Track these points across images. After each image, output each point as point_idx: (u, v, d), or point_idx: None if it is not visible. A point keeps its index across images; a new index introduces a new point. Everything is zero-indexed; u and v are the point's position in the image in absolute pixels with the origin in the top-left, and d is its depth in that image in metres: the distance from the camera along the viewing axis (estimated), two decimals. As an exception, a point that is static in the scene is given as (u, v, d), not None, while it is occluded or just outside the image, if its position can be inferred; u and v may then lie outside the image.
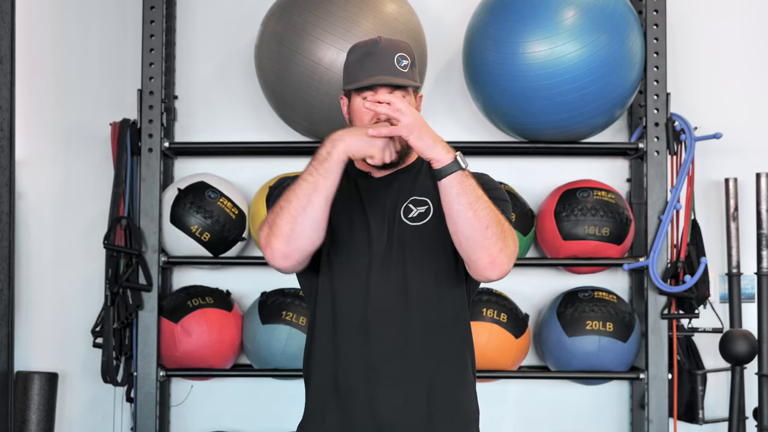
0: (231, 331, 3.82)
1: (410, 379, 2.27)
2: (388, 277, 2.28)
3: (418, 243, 2.29)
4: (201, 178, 3.86)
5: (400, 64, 2.30)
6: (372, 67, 2.29)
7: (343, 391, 2.29)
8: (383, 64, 2.29)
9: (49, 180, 4.10)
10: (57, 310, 4.07)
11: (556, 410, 4.05)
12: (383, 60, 2.29)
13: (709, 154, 3.96)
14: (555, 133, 3.77)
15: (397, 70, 2.29)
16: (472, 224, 2.13)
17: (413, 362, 2.27)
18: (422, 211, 2.32)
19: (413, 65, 2.33)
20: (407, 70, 2.30)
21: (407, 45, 2.36)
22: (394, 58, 2.29)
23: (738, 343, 3.70)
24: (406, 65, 2.30)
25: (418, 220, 2.31)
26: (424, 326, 2.28)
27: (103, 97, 4.09)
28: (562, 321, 3.76)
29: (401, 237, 2.30)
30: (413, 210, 2.32)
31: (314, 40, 3.56)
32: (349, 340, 2.29)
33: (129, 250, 3.75)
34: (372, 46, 2.32)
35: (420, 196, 2.34)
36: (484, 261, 2.17)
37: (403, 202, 2.33)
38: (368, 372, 2.27)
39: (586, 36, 3.52)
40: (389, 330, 2.27)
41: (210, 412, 4.06)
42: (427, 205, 2.33)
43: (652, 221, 3.79)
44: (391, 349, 2.26)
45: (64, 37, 4.13)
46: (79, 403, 4.08)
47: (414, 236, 2.30)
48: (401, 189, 2.35)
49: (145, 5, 3.83)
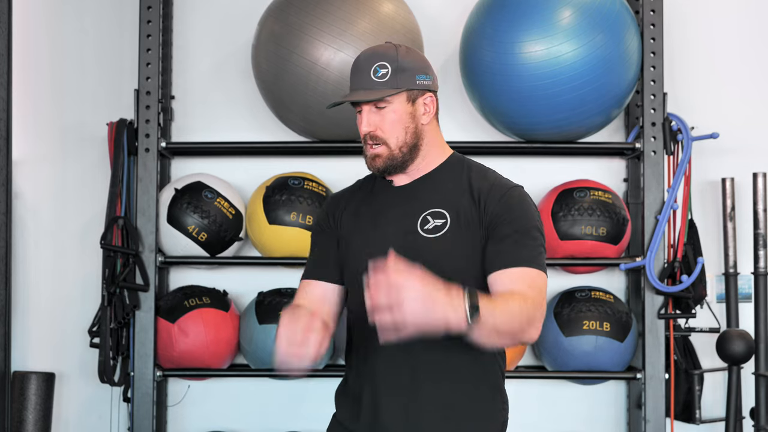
0: (228, 331, 3.82)
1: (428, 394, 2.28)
2: None
3: (431, 255, 2.26)
4: (198, 178, 3.86)
5: (377, 74, 2.27)
6: (352, 81, 2.31)
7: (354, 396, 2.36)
8: (360, 77, 2.29)
9: (46, 180, 4.10)
10: (54, 310, 4.07)
11: (553, 410, 4.05)
12: (361, 72, 2.29)
13: (706, 154, 3.96)
14: (552, 133, 3.77)
15: (373, 81, 2.27)
16: (499, 339, 2.14)
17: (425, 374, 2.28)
18: (439, 224, 2.29)
19: (398, 71, 2.27)
20: (386, 79, 2.26)
21: (393, 50, 2.30)
22: (371, 69, 2.27)
23: (735, 343, 3.70)
24: (385, 74, 2.26)
25: (434, 233, 2.29)
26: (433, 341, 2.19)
27: (99, 97, 4.09)
28: (559, 321, 3.76)
29: (415, 248, 2.27)
30: (430, 222, 2.30)
31: (311, 40, 3.56)
32: (360, 349, 2.34)
33: (126, 250, 3.75)
34: (359, 57, 2.32)
35: (438, 208, 2.31)
36: (516, 346, 2.24)
37: (422, 212, 2.32)
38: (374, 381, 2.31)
39: (582, 36, 3.52)
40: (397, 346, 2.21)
41: (207, 412, 4.06)
42: (445, 219, 2.29)
43: (649, 221, 3.79)
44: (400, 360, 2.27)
45: (61, 37, 4.13)
46: (76, 403, 4.08)
47: (428, 248, 2.27)
48: (420, 199, 2.34)
49: (142, 5, 3.82)
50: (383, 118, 2.29)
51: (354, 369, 2.40)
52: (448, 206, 2.30)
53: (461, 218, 2.28)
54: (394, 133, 2.30)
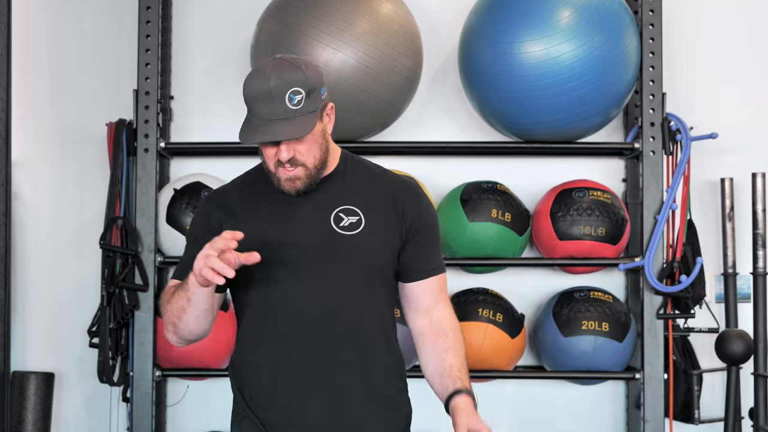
0: (227, 332, 3.81)
1: (336, 389, 2.26)
2: (314, 285, 2.26)
3: (349, 251, 2.27)
4: (197, 179, 3.86)
5: (293, 101, 2.17)
6: (263, 111, 2.18)
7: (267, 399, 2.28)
8: (274, 106, 2.16)
9: (46, 180, 4.10)
10: (53, 310, 4.07)
11: (551, 410, 4.05)
12: (274, 101, 2.16)
13: (705, 154, 3.96)
14: (551, 133, 3.77)
15: (290, 110, 2.16)
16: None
17: (338, 371, 2.26)
18: (354, 221, 2.29)
19: (310, 92, 2.18)
20: (302, 105, 2.17)
21: (299, 72, 2.19)
22: (286, 96, 2.16)
23: (734, 343, 3.70)
24: (300, 99, 2.17)
25: (350, 230, 2.28)
26: (349, 335, 2.26)
27: (99, 98, 4.09)
28: (558, 321, 3.76)
29: (330, 245, 2.26)
30: (344, 219, 2.29)
31: (310, 40, 3.56)
32: (274, 349, 2.27)
33: (125, 251, 3.75)
34: (261, 81, 2.19)
35: (351, 206, 2.30)
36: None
37: (333, 209, 2.29)
38: (295, 382, 2.26)
39: (581, 36, 3.52)
40: (313, 339, 2.25)
41: (206, 412, 4.06)
42: (359, 216, 2.29)
43: (648, 221, 3.79)
44: (317, 357, 2.25)
45: (60, 38, 4.13)
46: (75, 403, 4.08)
47: (344, 245, 2.27)
48: (328, 197, 2.30)
49: (141, 5, 3.82)
50: (300, 143, 2.21)
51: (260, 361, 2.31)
52: (359, 204, 2.29)
53: (375, 216, 2.27)
54: (311, 154, 2.23)
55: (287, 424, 2.26)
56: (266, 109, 2.18)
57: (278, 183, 2.27)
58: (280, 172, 2.25)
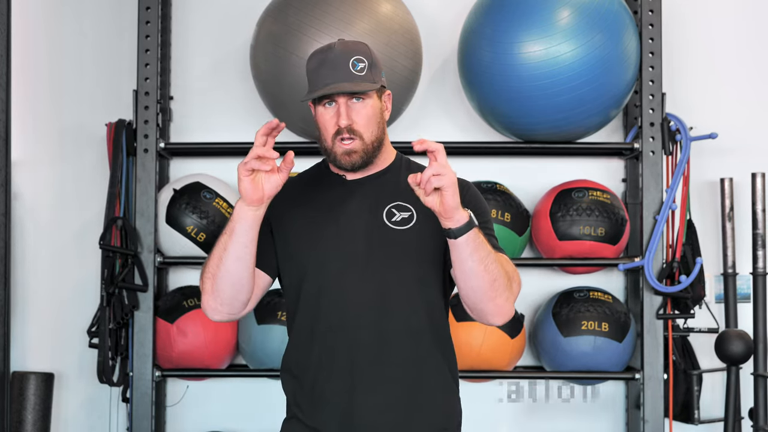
0: (226, 332, 3.82)
1: (388, 385, 2.25)
2: (368, 280, 2.25)
3: (401, 247, 2.27)
4: (196, 179, 3.86)
5: (356, 68, 2.23)
6: (327, 75, 2.24)
7: (318, 396, 2.28)
8: (339, 70, 2.23)
9: (45, 181, 4.10)
10: (53, 311, 4.07)
11: (551, 410, 4.05)
12: (338, 66, 2.23)
13: (705, 154, 3.96)
14: (550, 133, 3.77)
15: (353, 74, 2.23)
16: (483, 278, 2.14)
17: (392, 367, 2.25)
18: (405, 216, 2.29)
19: (372, 66, 2.26)
20: (365, 73, 2.24)
21: (364, 46, 2.29)
22: (350, 62, 2.23)
23: (734, 344, 3.70)
24: (363, 68, 2.24)
25: (402, 225, 2.28)
26: (403, 331, 2.26)
27: (98, 98, 4.09)
28: (558, 321, 3.76)
29: (383, 240, 2.27)
30: (396, 214, 2.30)
31: (309, 40, 3.56)
32: (327, 344, 2.27)
33: (125, 251, 3.75)
34: (327, 52, 2.26)
35: (403, 202, 2.31)
36: (490, 311, 2.20)
37: (385, 205, 2.30)
38: (346, 378, 2.25)
39: (581, 36, 3.52)
40: (367, 334, 2.24)
41: (206, 412, 4.06)
42: (411, 211, 2.30)
43: (648, 221, 3.79)
44: (369, 354, 2.25)
45: (59, 38, 4.13)
46: (75, 403, 4.08)
47: (397, 240, 2.27)
48: (381, 192, 2.32)
49: (141, 6, 3.83)
50: (359, 112, 2.25)
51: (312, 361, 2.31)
52: (411, 200, 2.29)
53: (426, 210, 2.26)
54: (369, 128, 2.27)
55: (340, 423, 2.26)
56: (330, 73, 2.23)
57: (335, 158, 2.28)
58: (337, 145, 2.27)
